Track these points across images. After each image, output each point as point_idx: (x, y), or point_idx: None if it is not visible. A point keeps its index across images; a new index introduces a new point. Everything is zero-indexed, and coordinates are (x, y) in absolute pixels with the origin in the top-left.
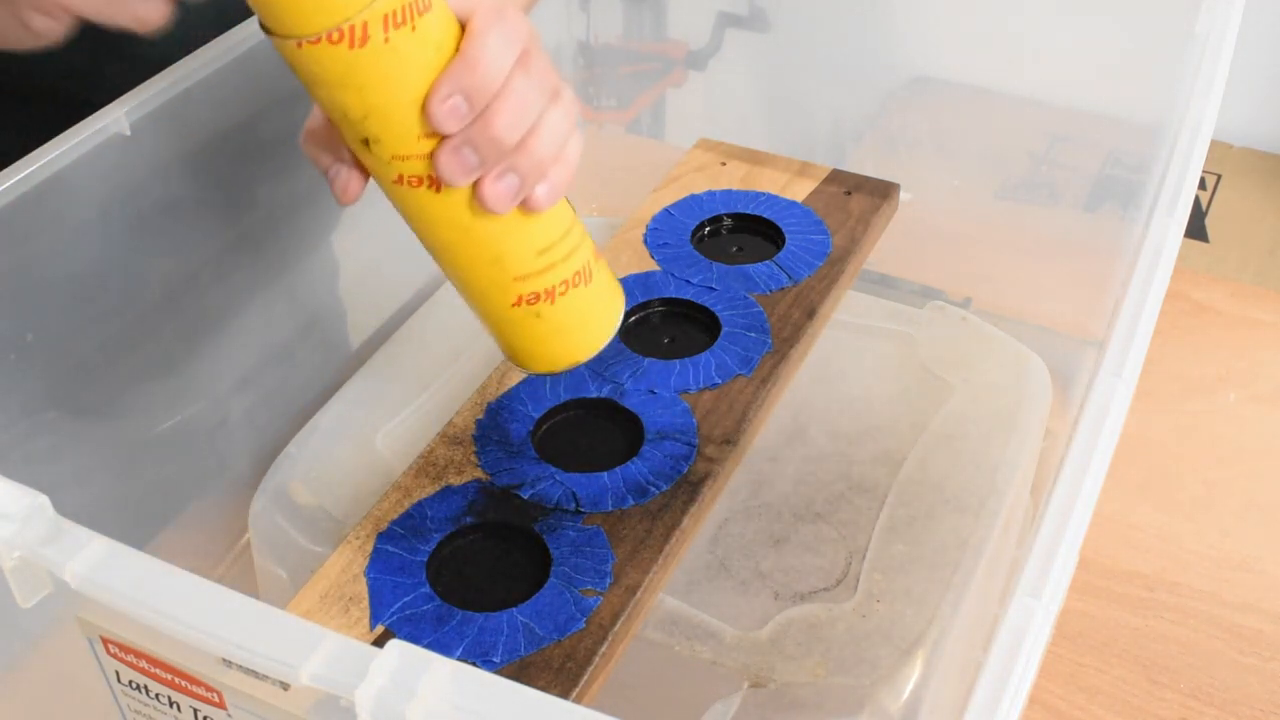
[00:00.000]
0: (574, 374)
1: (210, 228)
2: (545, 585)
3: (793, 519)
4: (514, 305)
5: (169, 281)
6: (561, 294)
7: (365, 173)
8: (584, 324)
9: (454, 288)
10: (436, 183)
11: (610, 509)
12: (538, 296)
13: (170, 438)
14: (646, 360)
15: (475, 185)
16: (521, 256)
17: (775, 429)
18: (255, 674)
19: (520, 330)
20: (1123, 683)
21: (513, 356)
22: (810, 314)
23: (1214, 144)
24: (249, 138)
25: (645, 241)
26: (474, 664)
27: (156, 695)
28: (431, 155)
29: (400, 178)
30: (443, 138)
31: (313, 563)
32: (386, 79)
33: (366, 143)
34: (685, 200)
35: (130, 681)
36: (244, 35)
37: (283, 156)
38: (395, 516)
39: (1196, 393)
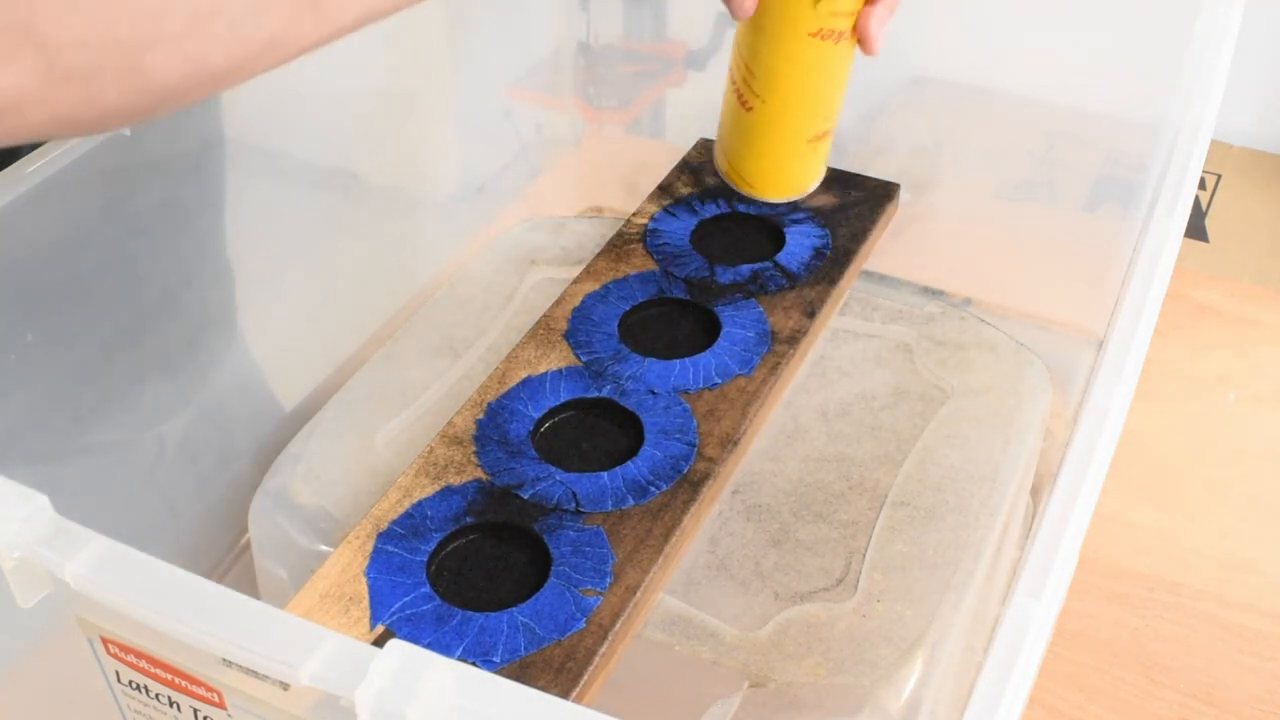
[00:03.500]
0: (574, 374)
1: (210, 227)
2: (545, 585)
3: (793, 519)
4: (810, 140)
5: (169, 281)
6: (830, 136)
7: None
8: (823, 163)
9: (764, 126)
10: (841, 35)
11: (610, 509)
12: (824, 135)
13: (170, 438)
14: (646, 360)
15: (868, 38)
16: (839, 98)
17: (775, 429)
18: (255, 674)
19: (798, 160)
20: (1123, 683)
21: (769, 184)
22: (810, 314)
23: (1214, 144)
24: (249, 138)
25: (645, 241)
26: (474, 664)
27: (156, 695)
28: (859, 14)
29: (820, 31)
30: (870, 1)
31: (313, 563)
32: None
33: (817, 0)
34: (685, 200)
35: (130, 681)
36: None
37: (283, 157)
38: (395, 516)
39: (1196, 393)
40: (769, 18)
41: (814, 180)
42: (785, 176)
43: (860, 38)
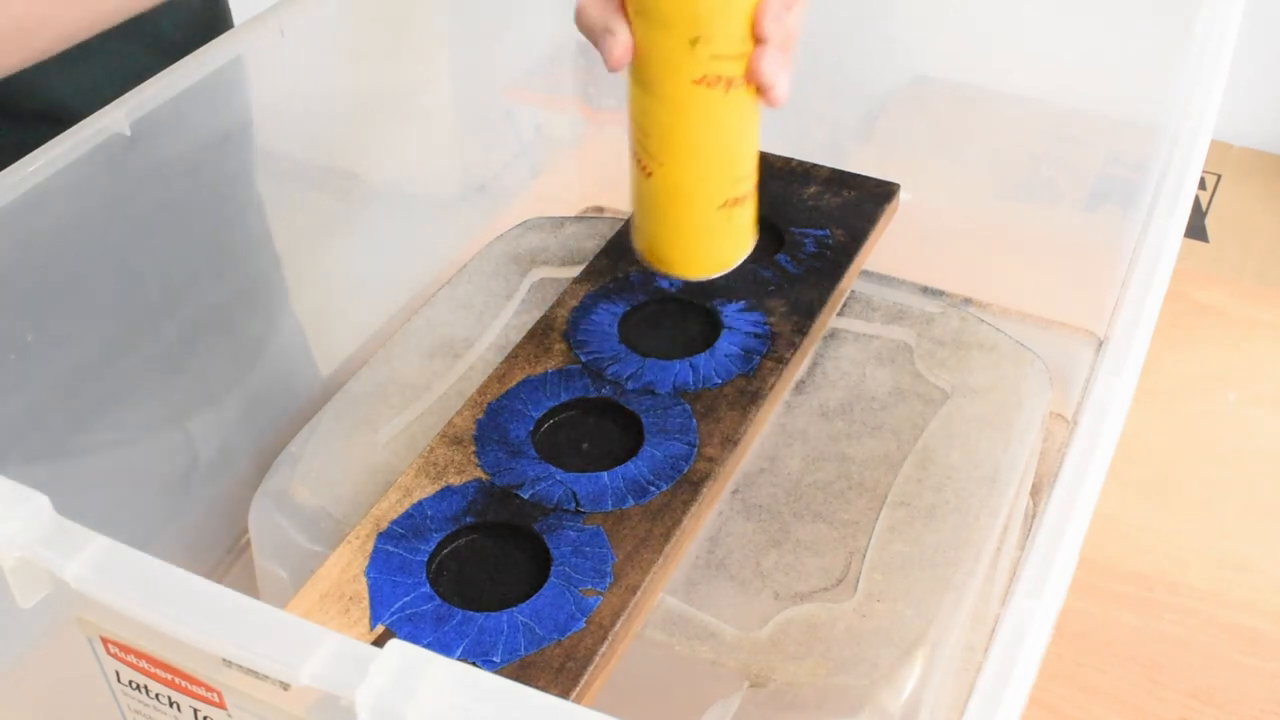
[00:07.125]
0: (574, 374)
1: (210, 227)
2: (545, 585)
3: (793, 519)
4: (721, 207)
5: (169, 281)
6: (746, 203)
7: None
8: (746, 233)
9: (666, 193)
10: (730, 83)
11: (610, 509)
12: (737, 201)
13: (170, 438)
14: (647, 360)
15: (763, 84)
16: (746, 157)
17: (775, 429)
18: (255, 674)
19: (711, 231)
20: (1123, 683)
21: (684, 260)
22: (810, 314)
23: (1214, 144)
24: (249, 138)
25: None
26: (474, 664)
27: (156, 695)
28: (749, 56)
29: (704, 77)
30: (759, 43)
31: (313, 563)
32: None
33: (694, 42)
34: None
35: (130, 681)
36: (244, 35)
37: (282, 157)
38: (395, 516)
39: (1196, 393)
40: (647, 69)
41: (737, 253)
42: (701, 250)
43: (756, 86)
